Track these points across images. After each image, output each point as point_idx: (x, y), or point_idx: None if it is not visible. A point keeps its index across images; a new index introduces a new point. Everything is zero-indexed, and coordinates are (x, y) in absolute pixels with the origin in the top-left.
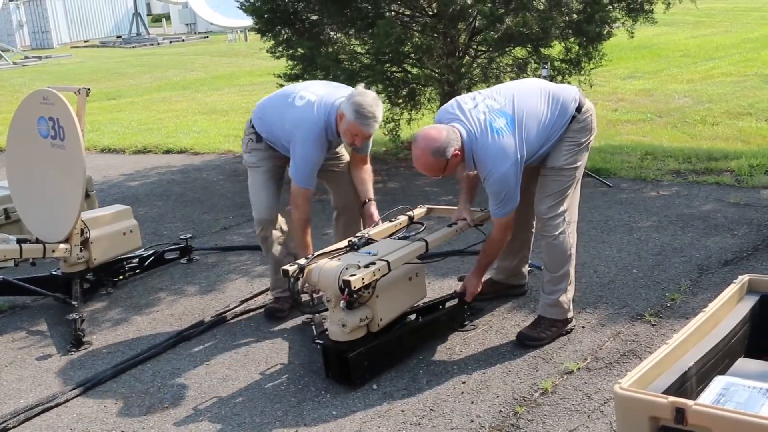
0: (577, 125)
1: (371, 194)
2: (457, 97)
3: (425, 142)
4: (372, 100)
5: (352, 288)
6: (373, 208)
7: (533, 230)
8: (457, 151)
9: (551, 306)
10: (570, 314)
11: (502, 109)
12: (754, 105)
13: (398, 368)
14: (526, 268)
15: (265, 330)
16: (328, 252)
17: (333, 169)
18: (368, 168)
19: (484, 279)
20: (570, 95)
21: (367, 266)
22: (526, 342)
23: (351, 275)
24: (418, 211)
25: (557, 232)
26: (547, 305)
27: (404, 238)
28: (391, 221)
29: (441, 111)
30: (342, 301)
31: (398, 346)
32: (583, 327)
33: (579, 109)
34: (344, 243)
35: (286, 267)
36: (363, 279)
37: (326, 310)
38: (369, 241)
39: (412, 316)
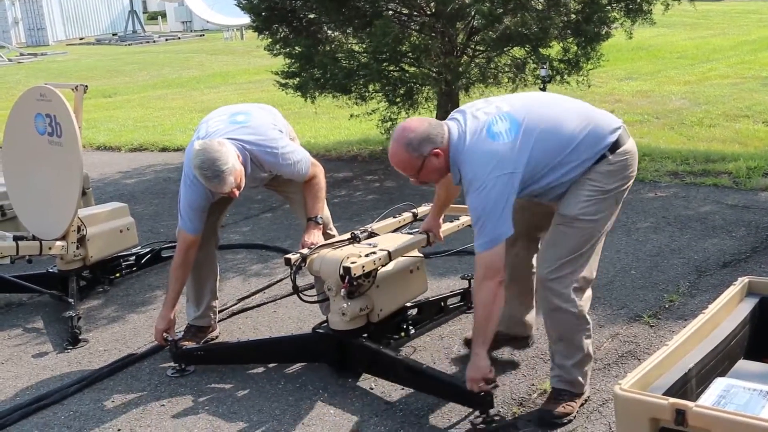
0: (607, 167)
1: (311, 213)
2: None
3: (400, 132)
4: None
5: (353, 275)
6: (311, 229)
7: (534, 271)
8: (437, 150)
9: (564, 381)
10: (586, 387)
11: (510, 112)
12: (752, 107)
13: None
14: (531, 315)
15: (262, 328)
16: (331, 243)
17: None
18: (311, 185)
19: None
20: (608, 124)
21: (367, 255)
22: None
23: (351, 263)
24: (423, 209)
25: (559, 300)
26: (559, 379)
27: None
28: (395, 217)
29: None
30: (342, 290)
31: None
32: None
33: (616, 147)
34: (347, 235)
35: (288, 255)
36: (363, 267)
37: (326, 300)
38: (372, 235)
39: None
